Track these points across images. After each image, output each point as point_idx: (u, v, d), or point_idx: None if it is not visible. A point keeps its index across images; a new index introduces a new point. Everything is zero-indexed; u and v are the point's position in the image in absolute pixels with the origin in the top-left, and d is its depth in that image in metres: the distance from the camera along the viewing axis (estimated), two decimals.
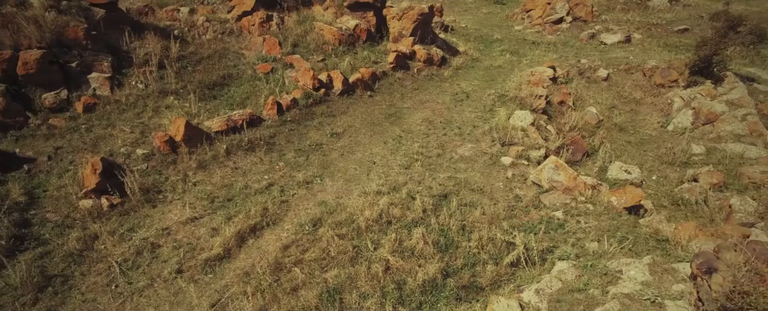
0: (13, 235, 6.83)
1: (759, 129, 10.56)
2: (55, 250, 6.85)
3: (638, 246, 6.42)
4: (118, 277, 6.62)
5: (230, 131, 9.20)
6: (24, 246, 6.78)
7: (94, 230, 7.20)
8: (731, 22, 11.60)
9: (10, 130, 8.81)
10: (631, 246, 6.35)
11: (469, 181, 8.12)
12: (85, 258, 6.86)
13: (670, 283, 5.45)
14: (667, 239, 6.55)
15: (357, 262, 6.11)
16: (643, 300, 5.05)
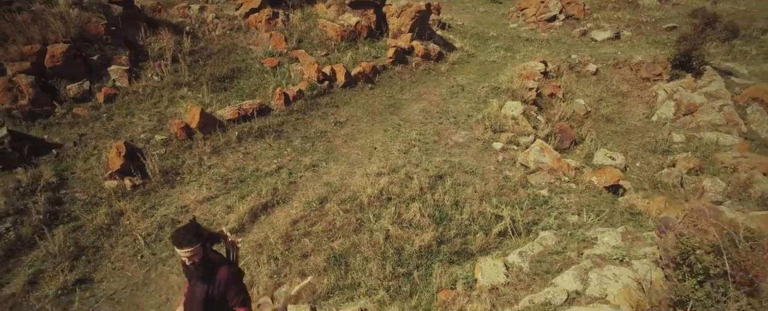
0: (48, 211, 7.52)
1: (734, 119, 11.26)
2: (86, 225, 7.53)
3: (614, 218, 7.12)
4: (143, 248, 7.32)
5: (241, 120, 9.89)
6: (58, 221, 7.46)
7: (120, 208, 7.89)
8: (708, 19, 12.30)
9: (38, 118, 9.48)
10: (607, 218, 7.05)
11: (462, 164, 8.82)
12: (112, 232, 7.55)
13: (638, 247, 6.16)
14: (641, 212, 7.25)
15: (360, 232, 6.81)
16: (613, 259, 5.75)
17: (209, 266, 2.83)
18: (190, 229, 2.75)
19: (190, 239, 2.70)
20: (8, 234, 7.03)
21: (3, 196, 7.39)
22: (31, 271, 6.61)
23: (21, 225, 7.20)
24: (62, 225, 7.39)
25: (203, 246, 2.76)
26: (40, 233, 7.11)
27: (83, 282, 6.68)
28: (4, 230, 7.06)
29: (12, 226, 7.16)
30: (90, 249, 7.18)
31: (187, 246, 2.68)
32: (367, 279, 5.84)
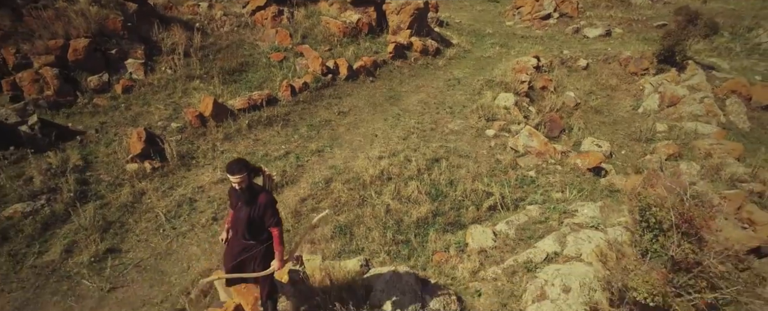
0: (77, 190, 8.21)
1: (714, 110, 11.96)
2: (112, 202, 8.23)
3: (594, 195, 7.82)
4: (164, 224, 8.00)
5: (251, 109, 10.59)
6: (87, 199, 8.14)
7: (141, 188, 8.58)
8: (690, 16, 12.99)
9: (62, 108, 10.16)
10: (588, 194, 7.76)
11: (457, 148, 9.52)
12: (136, 209, 8.24)
13: (614, 218, 6.86)
14: (619, 189, 7.95)
15: (363, 206, 7.50)
16: (590, 226, 6.45)
17: (252, 191, 3.54)
18: (240, 161, 3.48)
19: (240, 168, 3.43)
20: (43, 210, 7.72)
21: (38, 176, 8.07)
22: (66, 241, 7.30)
23: (54, 202, 7.89)
24: (91, 203, 8.07)
25: (248, 175, 3.47)
26: (71, 209, 7.81)
27: (112, 251, 7.37)
28: (39, 206, 7.76)
29: (46, 203, 7.85)
30: (116, 223, 7.87)
31: (238, 173, 3.39)
32: (370, 245, 6.53)
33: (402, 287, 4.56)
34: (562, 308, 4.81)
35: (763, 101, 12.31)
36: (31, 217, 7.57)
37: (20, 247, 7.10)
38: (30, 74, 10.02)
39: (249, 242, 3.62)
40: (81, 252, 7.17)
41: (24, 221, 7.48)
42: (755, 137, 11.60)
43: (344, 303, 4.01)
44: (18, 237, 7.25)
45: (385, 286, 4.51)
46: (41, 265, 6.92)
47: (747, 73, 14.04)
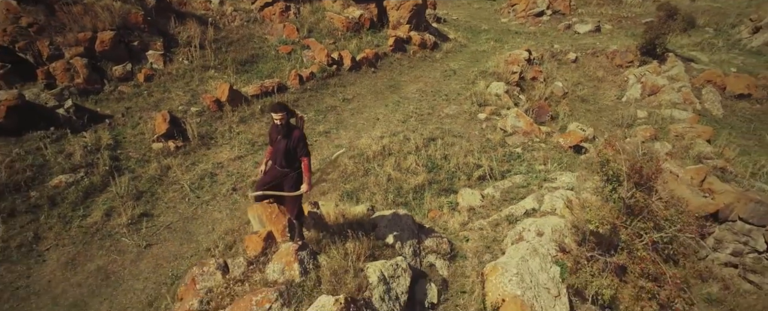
0: (111, 165, 9.16)
1: (690, 98, 12.92)
2: (141, 176, 9.18)
3: (573, 167, 8.78)
4: (189, 194, 8.96)
5: (263, 95, 11.55)
6: (119, 173, 9.09)
7: (167, 163, 9.54)
8: (670, 12, 13.94)
9: (90, 94, 11.11)
10: (567, 166, 8.71)
11: (451, 130, 10.48)
12: (163, 181, 9.19)
13: (588, 184, 7.81)
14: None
15: (367, 176, 8.46)
16: (566, 189, 7.41)
17: (289, 127, 4.49)
18: (281, 103, 4.43)
19: (282, 108, 4.40)
20: (83, 181, 8.67)
21: (78, 151, 9.03)
22: (105, 207, 8.26)
23: (92, 175, 8.85)
24: (123, 176, 9.02)
25: (287, 114, 4.41)
26: (107, 180, 8.77)
27: (145, 215, 8.32)
28: (79, 177, 8.71)
29: (85, 175, 8.80)
30: (147, 193, 8.83)
31: (280, 111, 4.35)
32: (374, 205, 7.48)
33: (402, 225, 5.51)
34: (536, 247, 5.77)
35: (736, 90, 13.26)
36: (73, 186, 8.52)
37: (67, 211, 8.06)
38: (62, 64, 10.98)
39: (284, 169, 4.57)
40: (119, 216, 8.13)
41: (68, 189, 8.43)
42: (727, 122, 12.56)
43: (355, 233, 4.95)
44: (64, 203, 8.21)
45: (387, 223, 5.46)
46: (86, 226, 7.88)
47: (724, 65, 14.99)
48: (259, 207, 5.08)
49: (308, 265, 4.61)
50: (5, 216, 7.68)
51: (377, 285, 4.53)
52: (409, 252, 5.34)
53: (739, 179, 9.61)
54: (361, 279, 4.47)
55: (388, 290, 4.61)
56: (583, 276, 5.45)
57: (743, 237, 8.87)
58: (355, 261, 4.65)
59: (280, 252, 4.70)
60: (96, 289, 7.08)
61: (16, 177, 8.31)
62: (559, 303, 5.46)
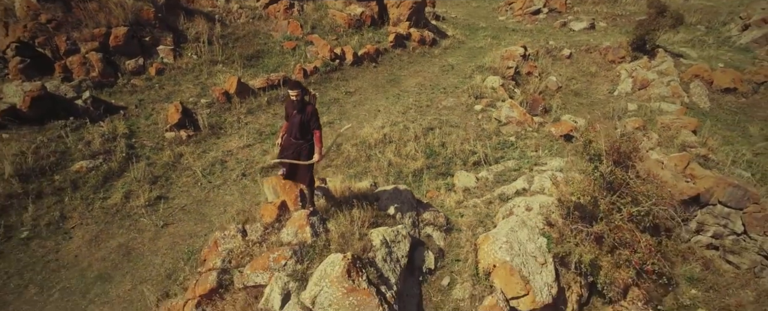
0: (127, 152, 9.72)
1: (679, 92, 13.48)
2: (156, 162, 9.73)
3: (563, 154, 9.33)
4: (201, 179, 9.51)
5: (269, 88, 12.09)
6: (135, 159, 9.65)
7: (179, 151, 10.09)
8: (659, 9, 14.49)
9: (105, 87, 11.66)
10: (557, 153, 9.27)
11: (449, 120, 11.03)
12: (176, 167, 9.75)
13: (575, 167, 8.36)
14: None
15: (369, 161, 9.01)
16: (555, 171, 7.96)
17: (304, 103, 5.05)
18: (297, 82, 5.02)
19: (298, 85, 4.98)
20: (102, 166, 9.22)
21: (97, 139, 9.58)
22: (124, 190, 8.82)
23: (110, 161, 9.40)
24: (139, 162, 9.58)
25: (302, 92, 4.96)
26: (124, 166, 9.33)
27: (161, 198, 8.88)
28: (99, 163, 9.26)
29: (103, 161, 9.36)
30: (162, 177, 9.38)
31: (296, 89, 4.91)
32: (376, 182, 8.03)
33: (402, 199, 6.05)
34: (524, 220, 6.32)
35: (722, 84, 13.81)
36: (93, 171, 9.08)
37: (89, 193, 8.61)
38: (78, 58, 11.53)
39: (299, 141, 5.12)
40: (137, 198, 8.68)
41: (88, 174, 8.99)
42: (714, 115, 13.12)
43: (360, 203, 5.49)
44: (85, 186, 8.77)
45: (389, 197, 6.00)
46: (107, 207, 8.44)
47: (712, 61, 15.53)
48: (274, 179, 5.63)
49: (318, 229, 5.16)
50: (34, 197, 8.23)
51: (380, 247, 5.08)
52: (409, 223, 5.89)
53: (721, 166, 10.15)
54: (365, 242, 5.02)
55: (390, 253, 5.16)
56: (567, 245, 6.01)
57: (723, 220, 9.42)
58: (360, 226, 5.20)
59: (293, 218, 5.25)
60: (118, 263, 7.63)
61: (41, 162, 8.87)
62: (546, 271, 6.01)
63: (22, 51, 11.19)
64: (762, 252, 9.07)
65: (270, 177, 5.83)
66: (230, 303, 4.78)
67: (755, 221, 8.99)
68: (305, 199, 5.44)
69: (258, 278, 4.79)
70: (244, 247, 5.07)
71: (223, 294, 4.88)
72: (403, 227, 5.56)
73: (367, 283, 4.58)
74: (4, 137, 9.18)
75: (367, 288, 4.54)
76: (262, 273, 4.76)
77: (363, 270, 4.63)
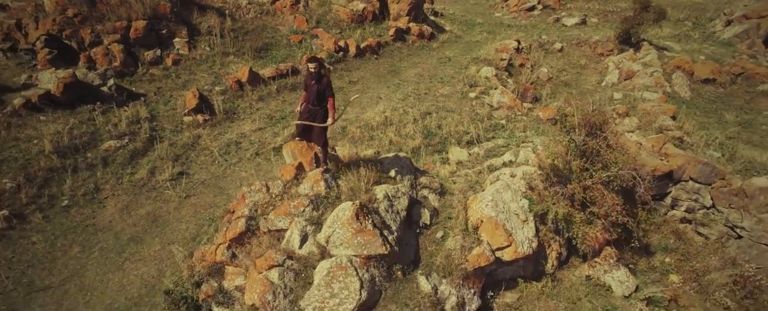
0: (150, 134, 10.62)
1: (661, 82, 14.37)
2: (176, 142, 10.64)
3: (548, 133, 10.23)
4: (218, 157, 10.42)
5: (278, 77, 13.00)
6: (158, 140, 10.55)
7: (197, 133, 11.00)
8: (644, 4, 15.38)
9: (126, 76, 12.57)
10: (543, 133, 10.17)
11: (445, 106, 11.93)
12: (195, 147, 10.65)
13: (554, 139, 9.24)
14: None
15: (372, 140, 9.92)
16: (538, 145, 8.86)
17: (320, 74, 5.94)
18: (316, 56, 5.87)
19: (316, 60, 5.86)
20: (128, 146, 10.14)
21: (124, 122, 10.49)
22: (149, 167, 9.73)
23: (135, 141, 10.31)
24: (161, 143, 10.48)
25: (319, 65, 5.86)
26: (148, 146, 10.25)
27: (183, 173, 9.79)
28: (125, 143, 10.18)
29: (129, 141, 10.27)
30: (182, 156, 10.29)
31: (315, 62, 5.81)
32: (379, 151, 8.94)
33: (401, 164, 6.94)
34: (508, 184, 7.23)
35: (702, 75, 14.69)
36: (120, 150, 10.00)
37: (118, 169, 9.53)
38: (102, 49, 12.45)
39: (315, 107, 6.02)
40: (161, 173, 9.60)
41: (116, 152, 9.91)
42: (693, 103, 14.00)
43: (365, 165, 6.39)
44: (114, 163, 9.68)
45: (390, 161, 6.89)
46: (135, 181, 9.35)
47: (694, 54, 16.41)
48: (292, 144, 6.54)
49: (331, 184, 6.05)
50: (71, 171, 9.14)
51: (383, 200, 5.97)
52: (407, 184, 6.78)
53: (694, 147, 11.05)
54: (370, 195, 5.91)
55: (391, 205, 6.05)
56: (545, 204, 6.92)
57: (694, 195, 10.32)
58: (366, 183, 6.08)
59: (309, 175, 6.15)
60: (148, 228, 8.55)
61: (75, 141, 9.79)
62: (527, 227, 6.92)
63: (50, 43, 12.11)
64: (728, 223, 9.97)
65: (289, 143, 6.74)
66: (256, 245, 5.67)
67: (722, 196, 9.88)
68: (319, 160, 6.34)
69: (280, 223, 5.68)
70: (267, 199, 5.96)
71: (250, 238, 5.78)
72: (402, 186, 6.46)
73: (373, 226, 5.48)
74: (41, 118, 10.10)
75: (372, 230, 5.44)
76: (283, 218, 5.66)
77: (369, 216, 5.53)
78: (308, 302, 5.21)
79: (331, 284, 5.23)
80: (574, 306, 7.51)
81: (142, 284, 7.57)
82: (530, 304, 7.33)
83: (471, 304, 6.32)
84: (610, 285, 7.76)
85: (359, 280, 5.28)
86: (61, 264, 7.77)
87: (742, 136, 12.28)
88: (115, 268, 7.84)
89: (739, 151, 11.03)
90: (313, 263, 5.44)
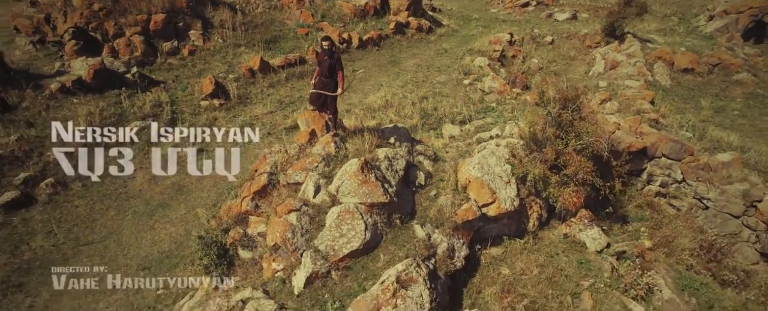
0: (172, 116, 11.67)
1: (643, 71, 15.39)
2: (195, 124, 11.68)
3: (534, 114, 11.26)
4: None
5: (287, 66, 14.05)
6: (178, 120, 11.60)
7: (214, 116, 12.06)
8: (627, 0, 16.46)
9: (145, 65, 13.62)
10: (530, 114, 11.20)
11: (441, 91, 12.98)
12: (213, 128, 11.69)
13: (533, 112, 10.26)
14: None
15: (373, 120, 10.96)
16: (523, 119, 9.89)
17: (332, 51, 6.96)
18: (328, 36, 6.89)
19: (329, 38, 6.87)
20: (153, 125, 11.19)
21: (148, 104, 11.55)
22: (172, 143, 10.77)
23: (158, 121, 11.37)
24: (183, 123, 11.53)
25: (331, 43, 6.89)
26: (171, 124, 11.30)
27: (202, 151, 10.84)
28: (149, 123, 11.23)
29: (153, 121, 11.33)
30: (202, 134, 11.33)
31: (328, 40, 6.82)
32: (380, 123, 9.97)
33: (400, 132, 7.97)
34: (494, 151, 8.26)
35: (682, 65, 15.72)
36: (146, 129, 11.05)
37: (143, 146, 10.59)
38: (124, 41, 13.51)
39: (327, 79, 7.06)
40: (186, 147, 10.65)
41: (142, 131, 10.96)
42: (672, 91, 15.04)
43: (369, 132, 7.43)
44: (141, 140, 10.73)
45: (390, 130, 7.92)
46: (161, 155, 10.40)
47: (675, 46, 17.43)
48: (307, 113, 7.59)
49: (340, 145, 7.09)
50: (104, 147, 10.19)
51: (383, 160, 7.00)
52: (405, 150, 7.81)
53: (668, 128, 12.09)
54: (373, 154, 6.93)
55: (391, 165, 7.08)
56: (524, 167, 7.96)
57: (667, 170, 11.35)
58: (369, 145, 7.12)
59: (321, 139, 7.19)
60: (173, 196, 9.61)
61: (105, 121, 10.84)
62: (509, 187, 7.96)
63: (76, 35, 13.18)
64: (696, 195, 11.00)
65: (303, 112, 7.78)
66: (277, 196, 6.70)
67: (691, 170, 10.91)
68: (329, 127, 7.38)
69: (297, 176, 6.72)
70: (285, 158, 6.99)
71: (271, 190, 6.81)
72: (401, 150, 7.49)
73: (375, 179, 6.51)
74: (74, 101, 11.17)
75: (375, 182, 6.47)
76: (300, 173, 6.69)
77: (372, 170, 6.56)
78: (321, 241, 6.26)
79: (341, 226, 6.27)
80: (552, 259, 8.53)
81: (171, 240, 8.63)
82: (513, 257, 8.36)
83: (460, 251, 7.36)
84: (585, 242, 8.79)
85: (364, 223, 6.32)
86: (100, 224, 8.83)
87: (714, 119, 13.33)
88: (147, 228, 8.90)
89: (709, 132, 12.06)
90: (325, 209, 6.49)
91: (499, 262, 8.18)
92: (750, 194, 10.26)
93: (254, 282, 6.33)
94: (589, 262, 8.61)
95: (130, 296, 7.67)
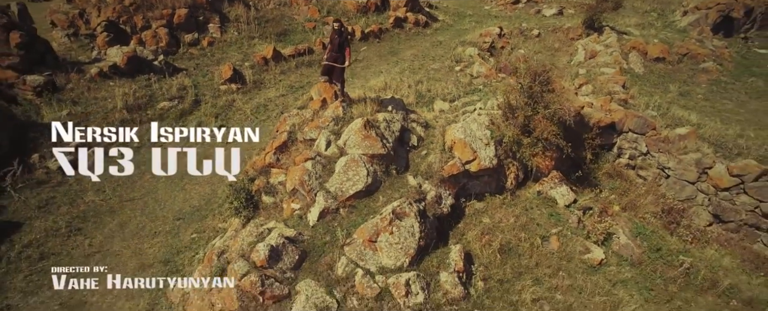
0: (195, 98, 13.21)
1: (619, 59, 16.90)
2: (216, 104, 13.23)
3: None
4: (250, 116, 13.00)
5: (297, 55, 15.59)
6: (202, 102, 13.13)
7: (232, 98, 13.59)
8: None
9: (169, 55, 15.17)
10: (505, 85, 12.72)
11: (435, 77, 14.51)
12: (231, 108, 13.24)
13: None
14: None
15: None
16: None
17: (341, 30, 8.47)
18: (338, 19, 8.40)
19: (339, 20, 8.38)
20: (178, 106, 12.73)
21: (174, 87, 13.10)
22: (197, 121, 12.31)
23: (183, 102, 12.90)
24: (205, 105, 13.06)
25: (341, 25, 8.40)
26: (193, 107, 12.84)
27: (223, 126, 12.36)
28: (175, 104, 12.77)
29: (179, 102, 12.87)
30: (222, 113, 12.89)
31: (338, 22, 8.34)
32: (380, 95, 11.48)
33: (396, 102, 9.49)
34: (476, 119, 9.77)
35: (654, 54, 17.23)
36: (172, 109, 12.59)
37: (172, 122, 12.12)
38: (150, 33, 15.06)
39: (337, 54, 8.58)
40: (208, 124, 12.18)
41: (169, 110, 12.50)
42: (644, 77, 16.54)
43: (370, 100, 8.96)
44: (168, 118, 12.28)
45: (388, 101, 9.43)
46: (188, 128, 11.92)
47: (650, 38, 18.95)
48: (319, 84, 9.13)
49: (346, 110, 8.61)
50: (138, 122, 11.74)
51: (382, 122, 8.51)
52: (400, 117, 9.31)
53: (636, 108, 13.58)
54: (374, 117, 8.43)
55: (388, 126, 8.59)
56: (501, 132, 9.47)
57: (633, 144, 12.83)
58: (371, 110, 8.63)
59: (331, 105, 8.71)
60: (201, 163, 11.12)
61: (137, 101, 12.39)
62: (488, 149, 9.46)
63: (108, 28, 14.74)
64: (659, 165, 12.47)
65: (316, 83, 9.32)
66: (294, 150, 8.21)
67: (653, 143, 12.39)
68: (337, 96, 8.90)
69: (312, 134, 8.22)
70: (302, 120, 8.51)
71: (290, 146, 8.32)
72: (397, 116, 9.01)
73: (375, 134, 8.01)
74: (110, 84, 12.71)
75: (375, 137, 7.97)
76: (314, 131, 8.20)
77: (372, 128, 8.06)
78: (331, 184, 7.77)
79: (347, 172, 7.78)
80: (527, 212, 10.03)
81: (200, 198, 10.16)
82: (493, 210, 9.86)
83: (446, 200, 8.85)
84: (555, 198, 10.28)
85: (366, 170, 7.83)
86: (139, 185, 10.36)
87: (679, 102, 14.83)
88: (179, 189, 10.42)
89: (672, 111, 13.55)
90: (335, 159, 8.00)
91: (481, 213, 9.67)
92: (702, 162, 11.73)
93: (277, 218, 7.84)
94: (558, 214, 10.10)
95: (170, 239, 9.20)
